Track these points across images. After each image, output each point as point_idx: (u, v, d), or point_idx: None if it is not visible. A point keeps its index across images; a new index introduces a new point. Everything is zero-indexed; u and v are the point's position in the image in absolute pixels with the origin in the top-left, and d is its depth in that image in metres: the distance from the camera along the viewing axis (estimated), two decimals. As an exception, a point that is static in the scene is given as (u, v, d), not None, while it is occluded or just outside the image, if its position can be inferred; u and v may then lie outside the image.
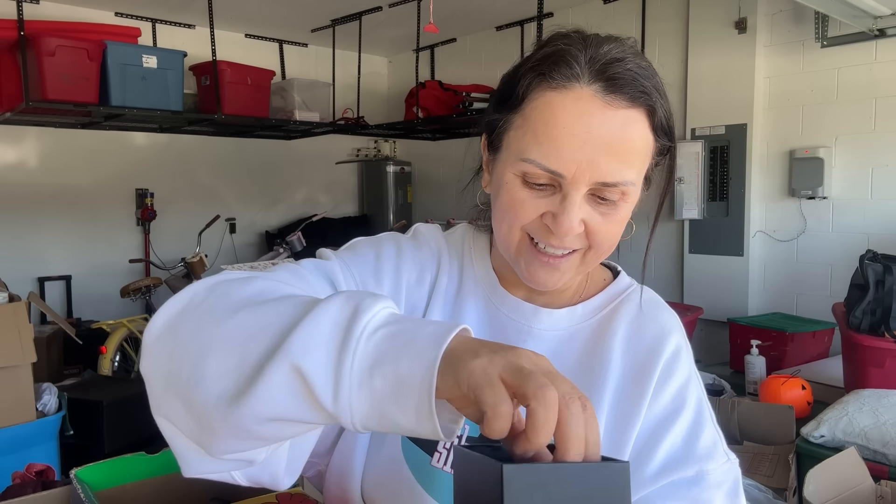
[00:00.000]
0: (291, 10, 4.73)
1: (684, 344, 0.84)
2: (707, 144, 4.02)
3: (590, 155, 0.69)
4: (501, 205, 0.74)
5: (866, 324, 2.53)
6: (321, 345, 0.51)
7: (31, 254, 4.53)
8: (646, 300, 0.86)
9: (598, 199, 0.72)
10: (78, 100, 3.68)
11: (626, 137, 0.70)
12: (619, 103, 0.69)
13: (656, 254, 4.40)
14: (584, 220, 0.72)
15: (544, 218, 0.72)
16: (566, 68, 0.69)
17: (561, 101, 0.69)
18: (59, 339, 3.64)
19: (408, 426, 0.50)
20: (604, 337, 0.82)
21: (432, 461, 0.79)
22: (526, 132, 0.71)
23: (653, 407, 0.79)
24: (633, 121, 0.70)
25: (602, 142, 0.69)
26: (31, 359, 2.48)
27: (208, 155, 5.26)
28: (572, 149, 0.68)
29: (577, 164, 0.69)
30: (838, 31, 3.55)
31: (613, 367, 0.80)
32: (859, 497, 1.95)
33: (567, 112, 0.69)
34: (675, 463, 0.77)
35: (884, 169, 3.50)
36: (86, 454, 2.74)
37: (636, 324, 0.83)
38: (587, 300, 0.85)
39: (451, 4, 4.42)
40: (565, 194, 0.70)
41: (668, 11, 4.23)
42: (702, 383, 0.84)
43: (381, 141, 6.04)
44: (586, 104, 0.69)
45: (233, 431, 0.53)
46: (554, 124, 0.69)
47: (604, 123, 0.69)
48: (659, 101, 0.73)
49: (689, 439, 0.78)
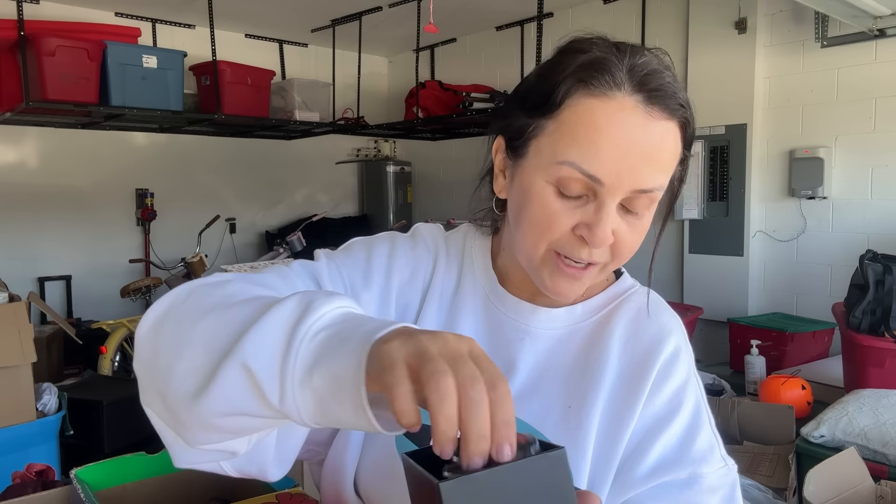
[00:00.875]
0: (291, 10, 4.73)
1: (684, 346, 0.83)
2: (707, 144, 4.02)
3: (630, 164, 0.69)
4: (531, 217, 0.73)
5: (866, 324, 2.53)
6: (269, 345, 0.53)
7: (31, 254, 4.53)
8: (647, 301, 0.85)
9: (625, 209, 0.72)
10: (78, 100, 3.68)
11: (664, 149, 0.71)
12: (660, 115, 0.70)
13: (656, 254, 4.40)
14: (614, 230, 0.72)
15: (577, 229, 0.72)
16: (608, 76, 0.69)
17: (603, 109, 0.69)
18: (59, 339, 3.64)
19: (349, 421, 0.51)
20: (602, 336, 0.82)
21: None
22: (563, 136, 0.70)
23: (648, 407, 0.78)
24: (669, 132, 0.71)
25: (643, 152, 0.69)
26: (31, 359, 2.48)
27: (208, 155, 5.26)
28: (615, 157, 0.69)
29: (616, 172, 0.69)
30: (838, 31, 3.55)
31: (610, 366, 0.80)
32: (859, 497, 1.95)
33: (610, 120, 0.69)
34: (667, 464, 0.76)
35: (884, 169, 3.50)
36: (86, 454, 2.74)
37: (635, 324, 0.82)
38: (587, 300, 0.84)
39: (451, 4, 4.42)
40: (601, 203, 0.70)
41: (668, 11, 4.23)
42: (702, 387, 0.83)
43: (381, 141, 6.04)
44: (629, 114, 0.69)
45: (200, 425, 0.57)
46: (597, 130, 0.69)
47: (646, 134, 0.69)
48: (691, 115, 0.74)
49: (684, 441, 0.77)
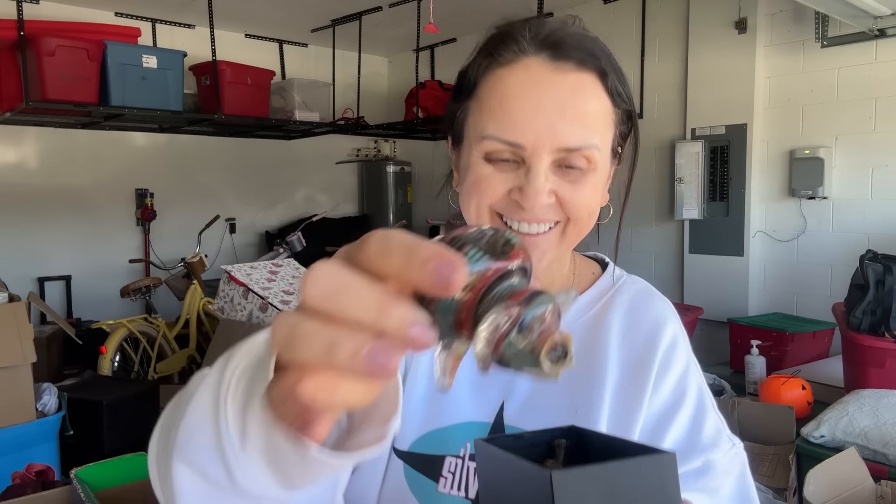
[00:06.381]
0: (291, 10, 4.73)
1: (680, 332, 0.82)
2: (707, 144, 4.02)
3: (546, 122, 0.68)
4: (468, 186, 0.73)
5: (866, 324, 2.53)
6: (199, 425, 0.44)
7: (31, 254, 4.53)
8: (637, 290, 0.84)
9: (564, 167, 0.71)
10: (78, 100, 3.68)
11: (580, 100, 0.70)
12: (568, 67, 0.70)
13: (656, 254, 4.41)
14: (555, 191, 0.71)
15: (512, 194, 0.71)
16: (512, 43, 0.71)
17: (512, 75, 0.70)
18: (59, 339, 3.64)
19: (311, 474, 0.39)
20: (599, 332, 0.80)
21: (438, 487, 0.76)
22: (483, 111, 0.71)
23: (654, 400, 0.77)
24: (584, 83, 0.70)
25: (556, 107, 0.69)
26: (31, 359, 2.48)
27: (208, 155, 5.26)
28: (527, 118, 0.68)
29: (535, 133, 0.68)
30: (838, 31, 3.55)
31: (612, 364, 0.78)
32: (859, 497, 1.95)
33: (517, 83, 0.69)
34: (680, 455, 0.75)
35: (884, 169, 3.50)
36: (86, 454, 2.74)
37: (630, 317, 0.81)
38: (579, 296, 0.82)
39: (451, 4, 4.42)
40: (529, 166, 0.69)
41: (668, 11, 4.23)
42: (699, 368, 0.83)
43: (381, 141, 6.04)
44: (535, 72, 0.69)
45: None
46: (508, 98, 0.69)
47: (554, 87, 0.69)
48: (610, 65, 0.72)
49: (693, 430, 0.77)
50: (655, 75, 4.30)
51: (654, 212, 4.39)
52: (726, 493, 0.76)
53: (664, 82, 4.28)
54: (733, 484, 0.76)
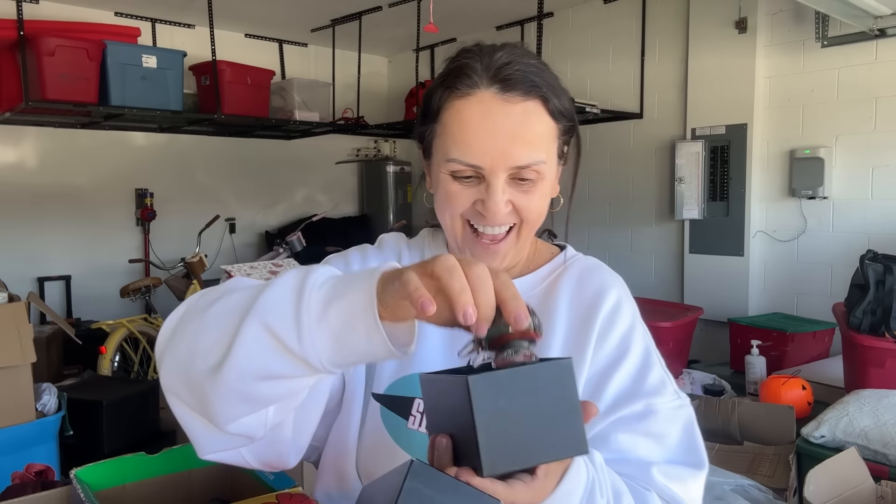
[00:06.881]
0: (291, 10, 4.73)
1: (626, 298, 0.93)
2: (707, 144, 4.02)
3: (500, 147, 0.82)
4: (440, 199, 0.88)
5: (866, 324, 2.53)
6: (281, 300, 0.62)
7: (31, 254, 4.53)
8: (587, 265, 0.96)
9: (518, 180, 0.84)
10: (77, 100, 3.68)
11: (528, 125, 0.83)
12: (516, 98, 0.82)
13: (656, 254, 4.41)
14: (511, 201, 0.85)
15: (476, 205, 0.85)
16: (467, 78, 0.83)
17: (468, 106, 0.83)
18: (58, 339, 3.64)
19: (364, 349, 0.60)
20: (549, 300, 0.92)
21: (408, 424, 0.88)
22: (445, 138, 0.85)
23: (598, 354, 0.88)
24: (530, 111, 0.83)
25: (507, 133, 0.82)
26: (30, 359, 2.48)
27: (208, 155, 5.26)
28: (484, 144, 0.82)
29: (490, 156, 0.82)
30: (838, 30, 3.55)
31: (559, 325, 0.90)
32: (859, 497, 1.95)
33: (474, 114, 0.83)
34: (623, 399, 0.85)
35: (884, 169, 3.50)
36: (85, 454, 2.74)
37: (578, 285, 0.93)
38: (534, 271, 0.96)
39: (451, 4, 4.42)
40: (488, 182, 0.83)
41: (668, 11, 4.23)
42: (649, 334, 0.92)
43: (381, 141, 6.03)
44: (488, 105, 0.83)
45: (225, 397, 0.64)
46: (466, 126, 0.83)
47: (506, 117, 0.82)
48: (551, 91, 0.85)
49: (637, 378, 0.86)
50: (655, 75, 4.30)
51: (654, 212, 4.39)
52: (672, 442, 0.84)
53: (664, 82, 4.28)
54: (680, 434, 0.85)
